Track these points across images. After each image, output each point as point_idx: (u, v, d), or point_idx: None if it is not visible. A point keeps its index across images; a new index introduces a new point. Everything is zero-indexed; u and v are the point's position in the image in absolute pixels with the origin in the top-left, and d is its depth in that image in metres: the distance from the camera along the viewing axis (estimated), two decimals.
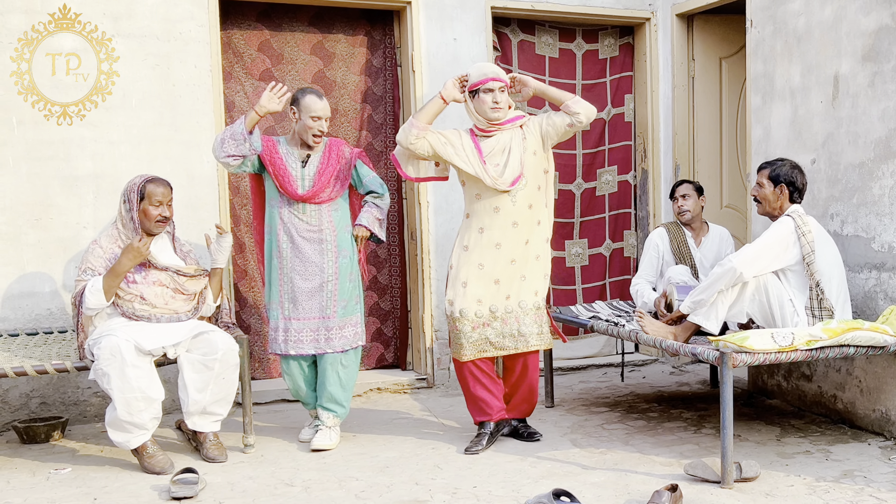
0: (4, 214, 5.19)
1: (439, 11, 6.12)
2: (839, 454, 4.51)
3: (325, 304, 4.81)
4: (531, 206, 4.68)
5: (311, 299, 4.81)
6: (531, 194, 4.67)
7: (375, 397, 5.98)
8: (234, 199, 5.95)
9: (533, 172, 4.66)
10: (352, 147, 5.01)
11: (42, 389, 5.30)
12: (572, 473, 4.30)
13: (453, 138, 4.62)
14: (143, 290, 4.52)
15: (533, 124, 4.71)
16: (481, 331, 4.66)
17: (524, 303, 4.70)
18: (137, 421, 4.35)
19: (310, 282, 4.81)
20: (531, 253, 4.71)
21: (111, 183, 5.34)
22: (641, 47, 6.83)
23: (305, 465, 4.53)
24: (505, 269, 4.66)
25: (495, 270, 4.65)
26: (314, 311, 4.82)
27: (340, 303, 4.84)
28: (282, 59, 6.05)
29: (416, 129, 4.54)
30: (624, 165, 6.98)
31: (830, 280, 4.52)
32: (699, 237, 5.61)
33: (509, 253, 4.65)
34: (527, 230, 4.68)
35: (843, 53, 4.99)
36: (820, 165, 5.16)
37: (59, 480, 4.34)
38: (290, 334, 4.82)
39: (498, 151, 4.63)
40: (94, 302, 4.40)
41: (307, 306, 4.81)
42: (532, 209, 4.68)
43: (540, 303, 4.77)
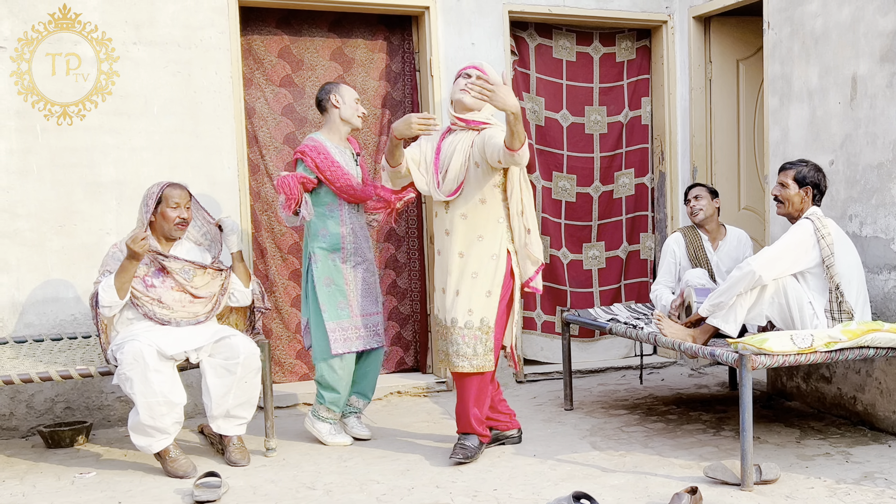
0: (29, 221, 5.25)
1: (457, 16, 6.15)
2: (859, 456, 4.51)
3: (377, 297, 5.11)
4: (464, 215, 4.50)
5: (369, 295, 5.05)
6: (471, 205, 4.49)
7: (396, 400, 6.02)
8: (255, 205, 6.00)
9: (477, 183, 4.46)
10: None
11: (67, 394, 5.37)
12: (592, 476, 4.31)
13: (420, 150, 4.68)
14: (162, 294, 4.57)
15: (481, 136, 4.48)
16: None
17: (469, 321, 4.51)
18: (160, 425, 4.39)
19: (373, 276, 5.08)
20: (469, 269, 4.51)
21: (133, 189, 5.40)
22: (658, 50, 6.84)
23: (327, 468, 4.56)
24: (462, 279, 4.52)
25: (451, 277, 4.55)
26: (373, 307, 5.07)
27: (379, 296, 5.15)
28: (302, 65, 6.10)
29: (384, 173, 4.70)
30: (641, 168, 6.99)
31: (850, 282, 4.51)
32: (716, 240, 5.60)
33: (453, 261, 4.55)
34: (465, 243, 4.51)
35: (861, 54, 4.99)
36: (838, 167, 5.15)
37: (84, 484, 4.39)
38: (357, 331, 4.98)
39: (450, 153, 4.54)
40: (107, 299, 4.43)
41: (366, 303, 5.03)
42: (466, 219, 4.50)
43: (476, 322, 4.50)
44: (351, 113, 4.96)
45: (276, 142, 6.07)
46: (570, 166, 6.79)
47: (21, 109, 5.21)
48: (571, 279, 6.83)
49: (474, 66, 4.56)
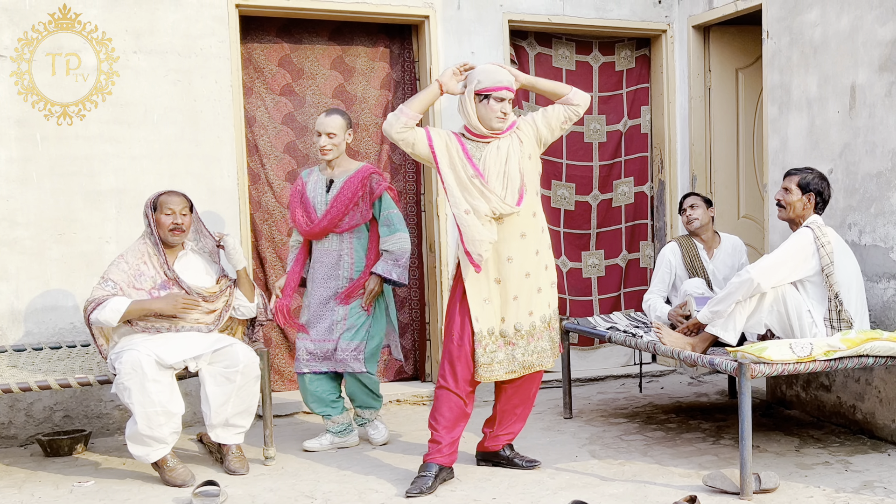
0: (29, 229, 5.26)
1: (457, 25, 6.16)
2: (859, 465, 4.51)
3: (331, 326, 5.01)
4: (535, 213, 4.40)
5: (320, 322, 5.03)
6: (533, 200, 4.37)
7: (395, 409, 6.01)
8: (255, 214, 6.00)
9: (532, 178, 4.38)
10: (382, 177, 5.02)
11: (65, 403, 5.36)
12: (591, 485, 4.31)
13: (443, 145, 4.32)
14: None
15: (526, 126, 4.38)
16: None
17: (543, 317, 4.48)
18: (157, 435, 4.39)
19: (328, 308, 5.04)
20: (542, 263, 4.44)
21: (133, 198, 5.40)
22: (658, 59, 6.85)
23: (326, 477, 4.56)
24: (522, 284, 4.37)
25: (512, 285, 4.36)
26: (325, 335, 5.03)
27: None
28: (302, 74, 6.11)
29: (404, 118, 4.22)
30: (640, 176, 6.99)
31: (849, 291, 4.51)
32: (711, 249, 5.59)
33: (522, 266, 4.37)
34: (535, 240, 4.40)
35: (860, 63, 5.00)
36: (837, 175, 5.16)
37: (83, 493, 4.38)
38: (308, 354, 5.06)
39: (493, 163, 4.29)
40: (106, 317, 4.41)
41: (316, 331, 5.04)
42: (536, 217, 4.41)
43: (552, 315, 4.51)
44: (318, 146, 4.97)
45: (276, 150, 6.08)
46: (569, 175, 6.79)
47: (21, 117, 5.21)
48: (570, 287, 6.83)
49: (506, 87, 4.26)
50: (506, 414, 4.59)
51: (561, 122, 4.38)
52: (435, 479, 4.29)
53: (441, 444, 4.36)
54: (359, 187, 4.89)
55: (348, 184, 4.90)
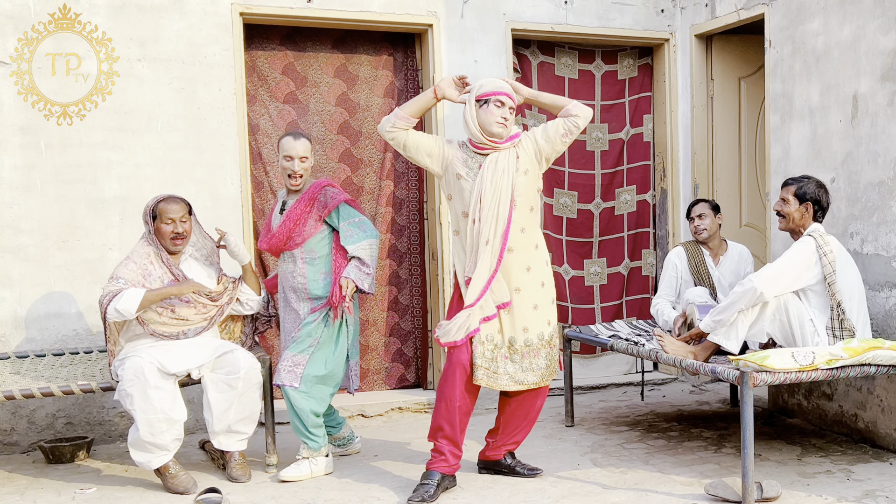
0: (32, 236, 5.27)
1: (460, 34, 6.18)
2: (861, 474, 4.50)
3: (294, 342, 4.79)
4: (523, 229, 4.35)
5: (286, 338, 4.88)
6: (524, 216, 4.34)
7: (397, 416, 6.01)
8: (258, 221, 6.01)
9: (524, 193, 4.33)
10: (340, 189, 4.81)
11: (68, 409, 5.37)
12: (593, 493, 4.31)
13: (439, 151, 4.38)
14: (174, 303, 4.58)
15: (526, 140, 4.38)
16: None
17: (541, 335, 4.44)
18: (159, 442, 4.39)
19: (295, 326, 4.82)
20: (536, 280, 4.41)
21: (136, 205, 5.41)
22: (660, 68, 6.87)
23: (327, 484, 4.56)
24: (512, 300, 4.34)
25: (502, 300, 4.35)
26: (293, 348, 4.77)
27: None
28: (306, 82, 6.13)
29: (394, 118, 4.28)
30: (643, 185, 7.00)
31: (851, 300, 4.52)
32: (717, 256, 5.61)
33: (511, 282, 4.34)
34: (526, 256, 4.36)
35: (862, 73, 5.01)
36: (839, 184, 5.17)
37: (85, 500, 4.39)
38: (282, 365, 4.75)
39: (490, 175, 4.29)
40: (124, 306, 4.39)
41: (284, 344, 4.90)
42: (525, 233, 4.36)
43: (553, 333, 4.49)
44: (281, 171, 4.78)
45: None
46: (571, 183, 6.80)
47: (25, 124, 5.23)
48: (573, 295, 6.84)
49: (506, 93, 4.32)
50: (508, 425, 4.60)
51: (560, 134, 4.35)
52: (437, 488, 4.28)
53: (443, 453, 4.36)
54: (306, 203, 4.71)
55: (297, 203, 4.74)
